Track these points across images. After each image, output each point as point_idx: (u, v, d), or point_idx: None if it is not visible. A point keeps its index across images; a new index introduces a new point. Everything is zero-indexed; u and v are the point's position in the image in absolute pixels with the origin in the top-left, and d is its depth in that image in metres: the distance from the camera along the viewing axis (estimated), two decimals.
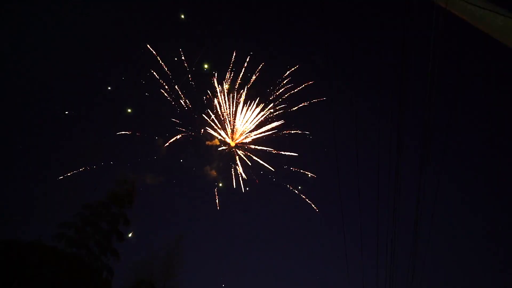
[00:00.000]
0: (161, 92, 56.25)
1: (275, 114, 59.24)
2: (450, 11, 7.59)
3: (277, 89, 58.33)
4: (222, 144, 61.54)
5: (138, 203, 33.88)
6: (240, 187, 61.27)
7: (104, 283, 28.41)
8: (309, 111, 58.51)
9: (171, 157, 64.78)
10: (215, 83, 57.83)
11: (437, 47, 7.83)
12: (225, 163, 62.78)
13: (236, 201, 60.41)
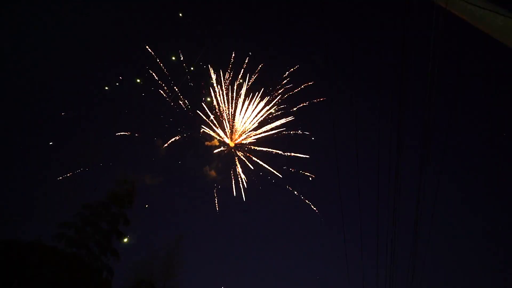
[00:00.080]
0: (160, 93, 56.03)
1: (275, 114, 57.64)
2: (450, 11, 7.60)
3: (277, 90, 57.62)
4: (221, 144, 59.76)
5: (138, 203, 33.93)
6: (240, 193, 58.49)
7: (104, 283, 28.42)
8: (308, 111, 58.00)
9: (171, 157, 64.58)
10: (213, 79, 56.28)
11: (437, 47, 7.83)
12: (225, 164, 61.32)
13: (236, 202, 59.56)
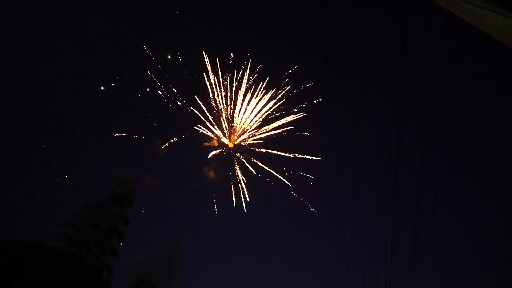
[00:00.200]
0: (158, 93, 55.63)
1: (276, 113, 56.66)
2: (450, 11, 7.60)
3: (278, 89, 57.06)
4: (219, 145, 58.09)
5: (138, 203, 33.93)
6: (240, 203, 56.58)
7: (104, 283, 28.42)
8: (308, 111, 57.59)
9: (170, 158, 64.22)
10: (211, 78, 54.65)
11: (437, 47, 7.83)
12: (224, 164, 60.05)
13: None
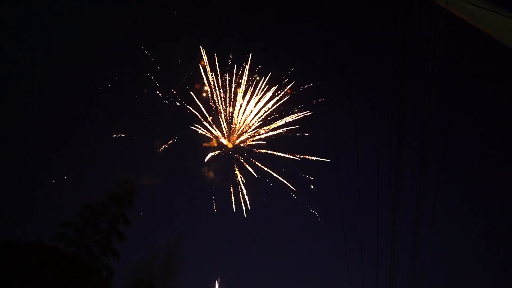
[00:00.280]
0: (156, 94, 55.40)
1: (273, 114, 56.01)
2: (450, 11, 7.59)
3: (276, 90, 56.43)
4: (218, 146, 57.16)
5: (138, 203, 33.89)
6: (240, 208, 55.91)
7: (104, 283, 28.40)
8: (308, 112, 57.29)
9: (169, 158, 63.89)
10: (208, 72, 53.78)
11: (437, 47, 7.83)
12: (223, 165, 59.58)
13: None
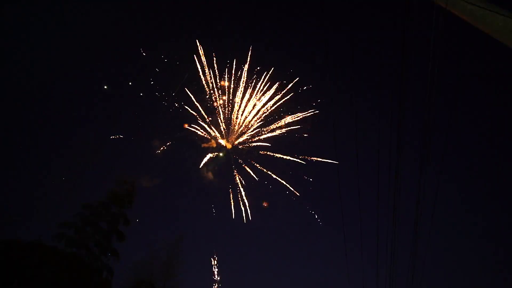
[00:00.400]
0: (155, 94, 55.04)
1: (272, 114, 55.14)
2: (450, 11, 7.59)
3: (276, 91, 55.80)
4: (217, 146, 55.45)
5: (137, 203, 33.90)
6: (240, 215, 53.92)
7: (104, 283, 28.41)
8: (307, 112, 56.85)
9: (169, 158, 63.51)
10: (206, 70, 51.68)
11: (437, 47, 7.83)
12: (222, 166, 58.11)
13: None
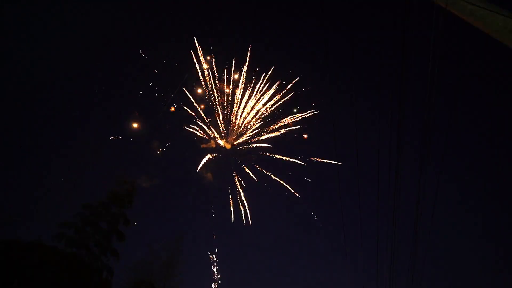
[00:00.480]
0: (154, 95, 55.02)
1: (271, 114, 54.76)
2: (450, 11, 7.59)
3: (275, 91, 55.63)
4: (216, 147, 54.70)
5: (137, 203, 33.89)
6: (240, 217, 53.66)
7: (104, 283, 28.40)
8: (307, 112, 56.93)
9: (168, 159, 63.43)
10: (204, 68, 51.97)
11: (437, 47, 7.83)
12: (221, 167, 58.22)
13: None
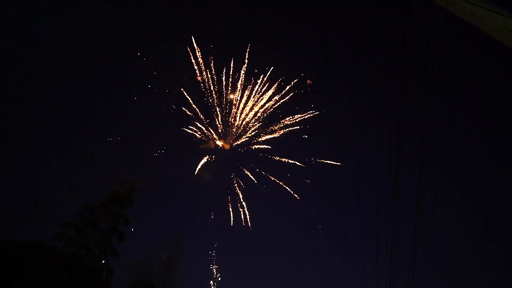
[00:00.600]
0: (153, 96, 54.79)
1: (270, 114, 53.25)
2: (450, 11, 7.59)
3: (274, 92, 54.95)
4: (215, 147, 53.33)
5: (137, 204, 33.86)
6: (239, 221, 52.63)
7: (104, 283, 28.39)
8: (306, 113, 56.32)
9: (167, 159, 63.21)
10: (202, 67, 50.01)
11: (437, 47, 7.83)
12: (220, 167, 56.77)
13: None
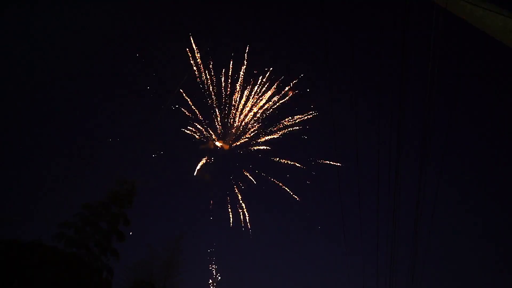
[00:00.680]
0: (152, 96, 54.52)
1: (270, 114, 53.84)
2: (450, 11, 7.59)
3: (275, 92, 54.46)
4: (215, 147, 52.69)
5: (137, 203, 33.84)
6: (239, 223, 52.16)
7: (104, 283, 28.39)
8: (306, 113, 56.17)
9: (167, 160, 63.13)
10: (201, 67, 48.82)
11: (437, 47, 7.83)
12: (219, 167, 55.98)
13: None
